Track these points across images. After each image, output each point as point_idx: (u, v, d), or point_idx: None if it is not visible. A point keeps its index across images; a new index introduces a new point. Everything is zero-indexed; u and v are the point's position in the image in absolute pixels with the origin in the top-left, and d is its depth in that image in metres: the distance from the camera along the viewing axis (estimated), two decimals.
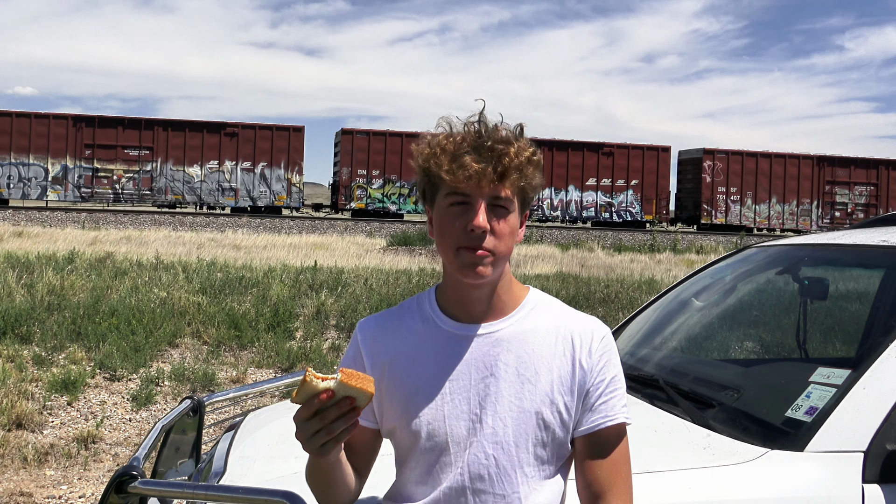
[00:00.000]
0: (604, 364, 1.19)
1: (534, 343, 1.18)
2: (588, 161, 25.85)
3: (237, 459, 1.84)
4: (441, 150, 1.14)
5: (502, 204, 1.13)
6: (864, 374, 1.58)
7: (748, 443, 1.56)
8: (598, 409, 1.18)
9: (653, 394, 1.92)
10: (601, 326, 1.22)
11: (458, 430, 1.16)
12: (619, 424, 1.19)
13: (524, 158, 1.13)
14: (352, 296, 7.62)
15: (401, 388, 1.19)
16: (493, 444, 1.16)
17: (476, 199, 1.12)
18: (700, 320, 2.49)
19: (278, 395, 4.29)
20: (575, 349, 1.18)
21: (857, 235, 2.21)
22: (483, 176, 1.11)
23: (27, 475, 3.90)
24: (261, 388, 2.47)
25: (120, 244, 13.00)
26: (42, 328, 6.01)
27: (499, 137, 1.13)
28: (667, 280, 10.29)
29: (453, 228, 1.13)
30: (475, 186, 1.11)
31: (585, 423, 1.18)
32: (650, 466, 1.48)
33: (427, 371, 1.19)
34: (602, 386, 1.18)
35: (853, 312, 2.47)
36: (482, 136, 1.13)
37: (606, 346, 1.20)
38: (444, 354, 1.19)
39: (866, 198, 27.12)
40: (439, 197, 1.16)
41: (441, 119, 1.18)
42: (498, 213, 1.13)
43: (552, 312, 1.22)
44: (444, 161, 1.12)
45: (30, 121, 22.87)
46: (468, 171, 1.10)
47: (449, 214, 1.14)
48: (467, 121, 1.16)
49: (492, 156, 1.11)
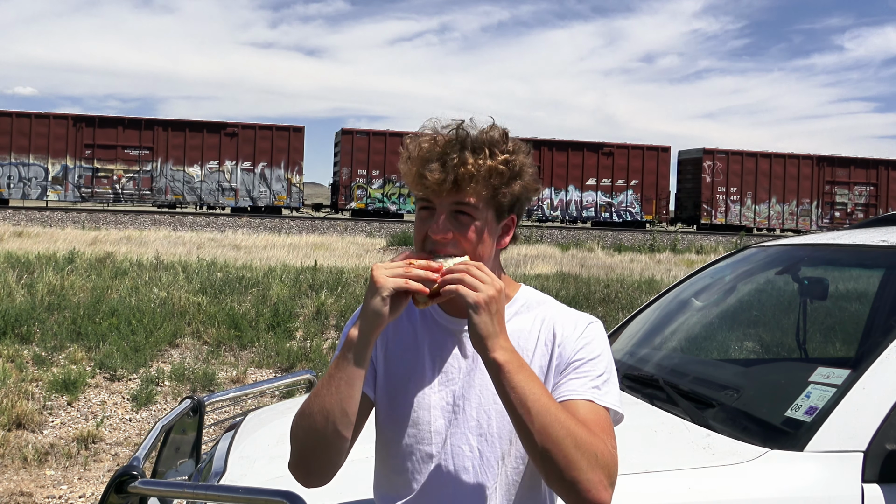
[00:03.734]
0: (581, 347, 1.17)
1: (519, 337, 1.18)
2: (588, 161, 25.83)
3: (237, 459, 1.84)
4: (407, 155, 1.17)
5: (466, 210, 1.14)
6: (864, 373, 1.59)
7: (748, 443, 1.56)
8: (563, 386, 1.14)
9: (653, 394, 1.92)
10: (589, 318, 1.22)
11: (441, 420, 1.18)
12: (587, 402, 1.13)
13: (488, 167, 1.13)
14: (352, 296, 7.62)
15: (392, 373, 1.21)
16: (477, 437, 1.17)
17: (437, 206, 1.14)
18: (700, 320, 2.49)
19: (278, 395, 4.29)
20: (556, 337, 1.19)
21: (857, 235, 2.21)
22: (441, 185, 1.12)
23: (27, 475, 3.90)
24: (261, 388, 2.47)
25: (120, 244, 13.00)
26: (42, 328, 6.01)
27: (475, 144, 1.14)
28: (667, 280, 10.29)
29: (420, 234, 1.17)
30: (435, 195, 1.14)
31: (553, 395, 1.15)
32: (650, 466, 1.48)
33: (417, 360, 1.21)
34: (576, 365, 1.16)
35: (853, 312, 2.47)
36: (455, 142, 1.14)
37: (590, 333, 1.19)
38: (435, 346, 1.21)
39: (866, 198, 27.07)
40: (415, 201, 1.20)
41: (429, 119, 1.19)
42: (462, 221, 1.14)
43: (542, 309, 1.22)
44: (413, 169, 1.15)
45: (30, 121, 22.86)
46: (427, 180, 1.13)
47: (418, 220, 1.18)
48: (449, 126, 1.17)
49: (454, 165, 1.12)
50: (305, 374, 2.52)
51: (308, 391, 2.52)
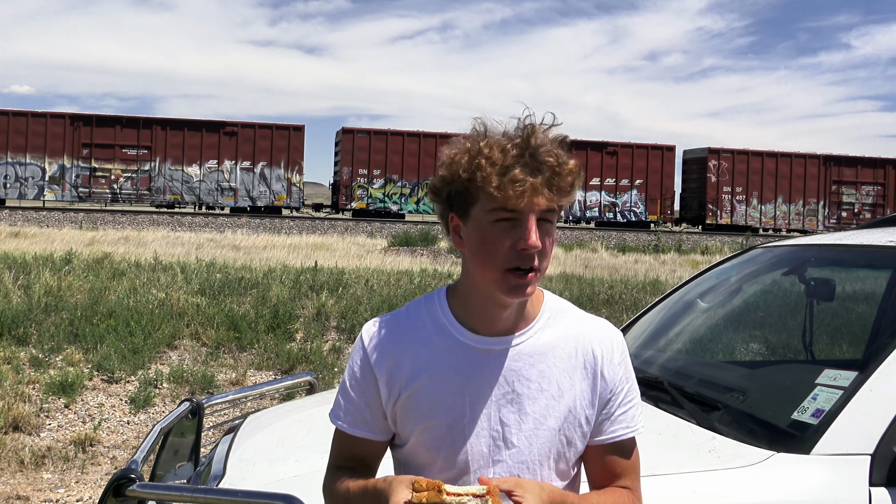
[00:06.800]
0: (622, 373, 1.18)
1: (555, 357, 1.14)
2: (592, 160, 25.65)
3: (237, 462, 1.83)
4: (486, 161, 1.04)
5: (550, 218, 1.07)
6: (872, 375, 1.58)
7: (754, 445, 1.55)
8: (619, 420, 1.17)
9: (657, 396, 1.90)
10: (617, 333, 1.20)
11: (479, 449, 1.12)
12: (633, 437, 1.19)
13: (573, 168, 1.07)
14: (353, 297, 7.59)
15: (419, 405, 1.13)
16: (518, 464, 1.12)
17: (527, 214, 1.04)
18: (705, 322, 2.48)
19: (278, 398, 4.27)
20: (597, 361, 1.16)
21: (864, 236, 2.20)
22: (537, 192, 1.03)
23: (24, 478, 3.88)
24: (260, 390, 2.46)
25: (118, 244, 12.97)
26: (39, 329, 5.98)
27: (547, 148, 1.06)
28: (671, 281, 10.24)
29: (500, 246, 1.05)
30: (529, 203, 1.03)
31: (605, 432, 1.16)
32: (655, 469, 1.47)
33: (445, 388, 1.12)
34: (622, 395, 1.17)
35: (860, 314, 2.46)
36: (530, 145, 1.05)
37: (624, 354, 1.19)
38: (464, 369, 1.12)
39: (873, 198, 26.79)
40: (478, 209, 1.07)
41: (476, 120, 1.09)
42: (545, 230, 1.07)
43: (568, 320, 1.18)
44: (492, 174, 1.03)
45: (27, 120, 22.78)
46: (521, 186, 1.02)
47: (495, 230, 1.06)
48: (513, 125, 1.08)
49: (545, 168, 1.04)
50: (306, 377, 2.50)
51: (308, 393, 2.50)
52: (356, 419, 1.17)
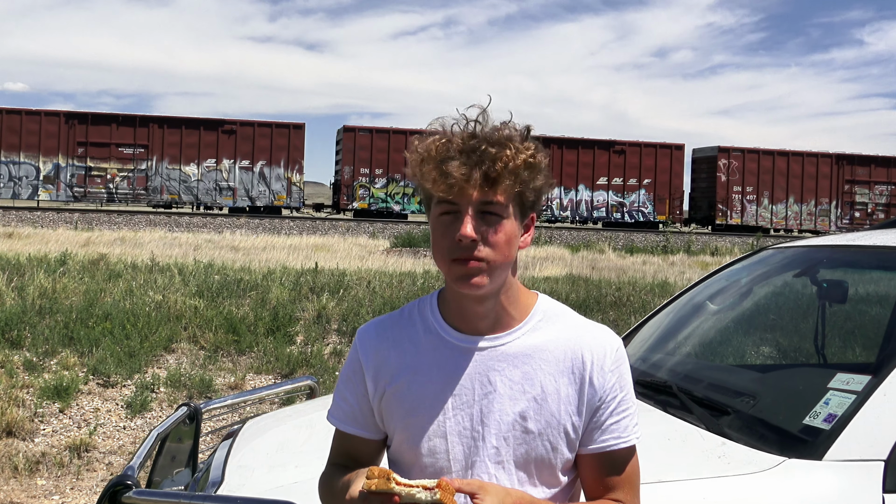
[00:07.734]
0: (615, 381, 1.15)
1: (541, 359, 1.13)
2: (599, 159, 25.40)
3: (235, 468, 1.83)
4: (427, 157, 1.09)
5: (493, 210, 1.08)
6: (885, 379, 1.57)
7: (765, 451, 1.54)
8: (609, 430, 1.14)
9: (666, 400, 1.89)
10: (613, 339, 1.17)
11: (459, 447, 1.13)
12: (631, 446, 1.16)
13: (519, 161, 1.08)
14: (354, 299, 7.56)
15: (402, 402, 1.15)
16: (495, 465, 1.12)
17: (463, 206, 1.07)
18: (715, 324, 2.48)
19: (278, 402, 4.23)
20: (585, 366, 1.14)
21: (878, 236, 2.20)
22: (467, 182, 1.06)
23: (18, 485, 3.84)
24: (260, 394, 2.45)
25: (114, 245, 12.93)
26: (33, 332, 5.94)
27: (493, 139, 1.08)
28: (680, 283, 10.19)
29: (444, 239, 1.09)
30: (460, 194, 1.07)
31: (595, 441, 1.14)
32: (663, 476, 1.46)
33: (429, 384, 1.14)
34: (613, 404, 1.14)
35: (873, 316, 2.44)
36: (474, 137, 1.09)
37: (619, 361, 1.16)
38: (447, 367, 1.14)
39: (887, 197, 26.45)
40: (432, 206, 1.11)
41: (435, 119, 1.13)
42: (489, 221, 1.08)
43: (562, 324, 1.17)
44: (430, 169, 1.08)
45: (20, 118, 22.63)
46: (451, 178, 1.06)
47: (439, 224, 1.10)
48: (464, 121, 1.11)
49: (480, 160, 1.06)
50: (306, 381, 2.47)
51: (309, 398, 2.48)
52: (347, 416, 1.21)
